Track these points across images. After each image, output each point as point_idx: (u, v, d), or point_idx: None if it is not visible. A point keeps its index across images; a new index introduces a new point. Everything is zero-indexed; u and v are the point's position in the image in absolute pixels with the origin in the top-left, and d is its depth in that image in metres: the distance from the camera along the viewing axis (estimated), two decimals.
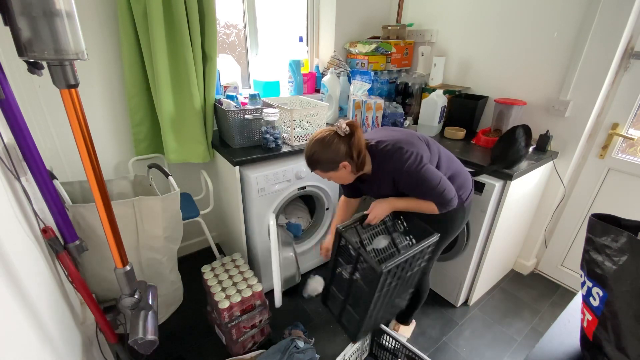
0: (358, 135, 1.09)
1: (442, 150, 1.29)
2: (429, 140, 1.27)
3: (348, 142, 1.09)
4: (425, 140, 1.25)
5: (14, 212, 0.78)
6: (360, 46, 2.19)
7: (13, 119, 0.80)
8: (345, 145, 1.09)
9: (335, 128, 1.10)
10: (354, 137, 1.08)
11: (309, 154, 1.14)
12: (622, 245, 0.54)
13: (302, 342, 1.45)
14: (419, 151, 1.13)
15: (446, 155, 1.29)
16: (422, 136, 1.26)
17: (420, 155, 1.12)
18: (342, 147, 1.09)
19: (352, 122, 1.12)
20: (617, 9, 1.47)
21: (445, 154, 1.29)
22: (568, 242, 1.98)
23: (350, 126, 1.10)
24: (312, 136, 1.15)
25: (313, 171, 1.20)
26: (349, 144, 1.09)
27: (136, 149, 1.72)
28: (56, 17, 0.60)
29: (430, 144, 1.24)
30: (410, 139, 1.18)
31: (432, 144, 1.26)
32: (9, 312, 0.63)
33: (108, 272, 1.27)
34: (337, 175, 1.16)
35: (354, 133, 1.09)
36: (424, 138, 1.25)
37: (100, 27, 1.48)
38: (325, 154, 1.10)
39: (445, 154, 1.29)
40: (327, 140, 1.09)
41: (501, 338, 1.67)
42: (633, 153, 1.69)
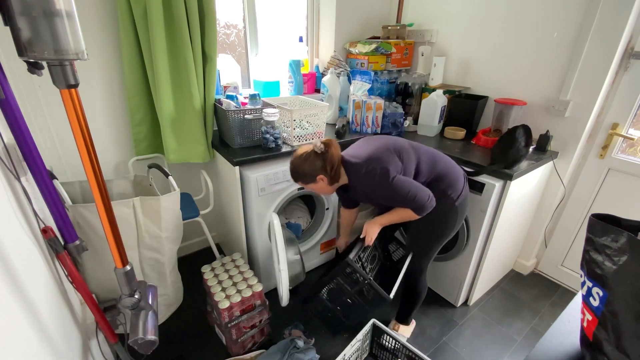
0: (331, 152, 1.24)
1: (423, 156, 1.32)
2: (402, 149, 1.29)
3: (323, 158, 1.24)
4: (398, 150, 1.28)
5: (14, 212, 0.78)
6: (360, 46, 2.19)
7: (13, 119, 0.80)
8: (321, 161, 1.24)
9: (313, 146, 1.26)
10: (328, 154, 1.24)
11: (291, 167, 1.32)
12: (622, 245, 0.54)
13: (302, 342, 1.46)
14: (387, 166, 1.22)
15: (428, 160, 1.32)
16: (395, 146, 1.29)
17: (387, 170, 1.21)
18: (318, 162, 1.24)
19: (326, 141, 1.27)
20: (617, 9, 1.47)
21: (427, 159, 1.32)
22: (568, 242, 1.98)
23: (325, 144, 1.26)
24: (295, 153, 1.31)
25: (296, 182, 1.36)
26: (324, 159, 1.24)
27: (136, 149, 1.72)
28: (56, 17, 0.60)
29: (402, 154, 1.27)
30: (379, 154, 1.25)
31: (407, 152, 1.29)
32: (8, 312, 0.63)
33: (108, 272, 1.27)
34: (317, 186, 1.32)
35: (327, 150, 1.24)
36: (396, 149, 1.28)
37: (100, 27, 1.48)
38: (304, 167, 1.26)
39: (427, 159, 1.32)
40: (304, 156, 1.26)
41: (501, 338, 1.67)
42: (633, 153, 1.69)
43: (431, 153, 1.35)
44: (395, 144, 1.31)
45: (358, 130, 2.01)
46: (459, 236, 1.67)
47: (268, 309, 1.53)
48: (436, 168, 1.32)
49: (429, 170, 1.31)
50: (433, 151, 1.37)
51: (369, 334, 1.48)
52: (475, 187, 1.55)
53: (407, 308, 1.63)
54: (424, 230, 1.42)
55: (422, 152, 1.33)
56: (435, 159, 1.34)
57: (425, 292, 1.57)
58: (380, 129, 1.99)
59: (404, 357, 1.38)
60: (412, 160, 1.29)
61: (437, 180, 1.31)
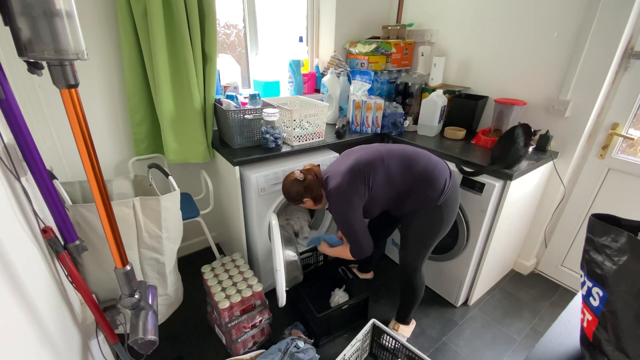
0: (309, 180, 1.39)
1: (396, 165, 1.34)
2: (370, 167, 1.32)
3: (303, 185, 1.39)
4: (365, 170, 1.31)
5: (14, 212, 0.78)
6: (360, 46, 2.19)
7: (13, 119, 0.80)
8: (302, 187, 1.39)
9: (296, 174, 1.41)
10: (306, 181, 1.38)
11: (283, 191, 1.47)
12: (622, 245, 0.54)
13: (302, 342, 1.45)
14: (350, 197, 1.31)
15: (402, 167, 1.34)
16: (364, 164, 1.32)
17: (347, 200, 1.32)
18: (300, 188, 1.39)
19: (305, 170, 1.41)
20: (617, 9, 1.47)
21: (400, 168, 1.34)
22: (568, 242, 1.98)
23: (304, 173, 1.40)
24: (285, 177, 1.46)
25: (289, 203, 1.51)
26: (304, 186, 1.39)
27: (136, 149, 1.72)
28: (56, 17, 0.60)
29: (370, 173, 1.31)
30: (345, 182, 1.31)
31: (374, 169, 1.32)
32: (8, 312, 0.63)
33: (108, 272, 1.27)
34: (306, 205, 1.46)
35: (305, 179, 1.39)
36: (364, 168, 1.32)
37: (100, 27, 1.48)
38: (291, 191, 1.41)
39: (400, 168, 1.34)
40: (290, 182, 1.41)
41: (501, 338, 1.67)
42: (633, 153, 1.69)
43: (406, 158, 1.36)
44: (366, 160, 1.33)
45: (358, 130, 2.01)
46: (458, 236, 1.67)
47: (268, 308, 1.53)
48: (412, 173, 1.34)
49: (403, 178, 1.34)
50: (410, 154, 1.37)
51: (369, 334, 1.48)
52: (475, 187, 1.55)
53: (405, 307, 1.62)
54: (413, 231, 1.43)
55: (393, 163, 1.34)
56: (411, 163, 1.34)
57: (422, 291, 1.57)
58: (380, 129, 1.99)
59: (404, 357, 1.39)
60: (380, 175, 1.32)
61: (415, 185, 1.34)
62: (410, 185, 1.34)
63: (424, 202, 1.35)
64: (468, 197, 1.59)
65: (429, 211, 1.36)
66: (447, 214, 1.37)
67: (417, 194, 1.34)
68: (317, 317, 1.49)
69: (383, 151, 1.37)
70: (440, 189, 1.33)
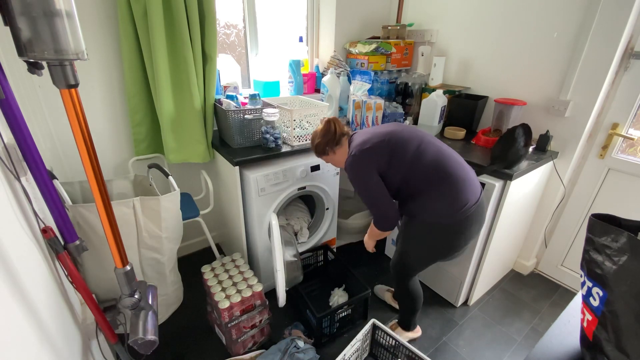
0: (328, 124, 1.36)
1: (426, 156, 1.21)
2: (402, 144, 1.22)
3: (323, 129, 1.37)
4: (396, 144, 1.22)
5: (14, 212, 0.78)
6: (360, 46, 2.19)
7: (13, 119, 0.80)
8: (322, 130, 1.37)
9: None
10: (325, 126, 1.36)
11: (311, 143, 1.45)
12: (622, 245, 0.54)
13: (302, 342, 1.46)
14: (365, 159, 1.24)
15: (430, 162, 1.21)
16: (397, 138, 1.23)
17: (363, 164, 1.24)
18: (318, 131, 1.39)
19: (332, 118, 1.38)
20: (617, 9, 1.47)
21: (426, 161, 1.21)
22: (568, 242, 1.98)
23: (330, 120, 1.38)
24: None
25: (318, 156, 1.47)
26: (324, 130, 1.36)
27: (136, 149, 1.72)
28: (56, 17, 0.60)
29: (398, 149, 1.22)
30: (376, 140, 1.24)
31: (403, 148, 1.22)
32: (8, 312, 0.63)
33: (108, 272, 1.27)
34: (328, 159, 1.42)
35: (328, 121, 1.37)
36: (395, 141, 1.23)
37: (100, 27, 1.48)
38: (314, 138, 1.41)
39: (426, 161, 1.21)
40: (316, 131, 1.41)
41: (501, 338, 1.67)
42: (633, 153, 1.69)
43: (441, 155, 1.22)
44: (401, 136, 1.24)
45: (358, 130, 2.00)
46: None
47: (268, 308, 1.53)
48: (438, 172, 1.20)
49: (423, 174, 1.21)
50: (447, 154, 1.24)
51: (369, 334, 1.48)
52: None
53: (403, 312, 1.58)
54: (409, 238, 1.35)
55: (427, 153, 1.22)
56: (442, 162, 1.21)
57: (419, 297, 1.49)
58: None
59: (404, 357, 1.39)
60: (407, 158, 1.21)
61: (432, 187, 1.21)
62: (428, 185, 1.21)
63: (430, 211, 1.23)
64: None
65: (432, 225, 1.25)
66: (451, 239, 1.25)
67: (429, 198, 1.22)
68: (317, 317, 1.49)
69: (422, 137, 1.26)
70: (455, 207, 1.20)
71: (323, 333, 1.58)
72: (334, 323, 1.59)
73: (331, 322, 1.57)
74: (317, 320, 1.50)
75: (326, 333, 1.59)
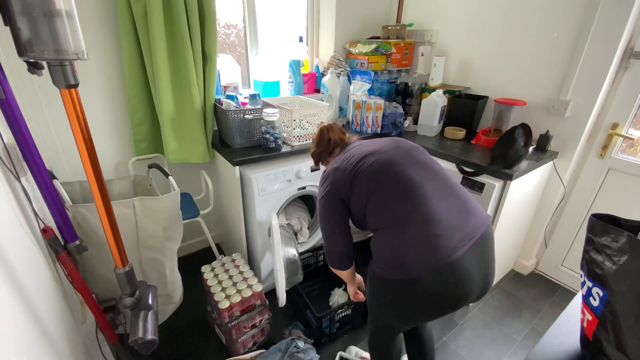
0: (321, 131, 1.26)
1: (385, 195, 0.96)
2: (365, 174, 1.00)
3: (317, 136, 1.28)
4: (354, 174, 1.01)
5: (14, 212, 0.78)
6: (360, 46, 2.19)
7: (13, 119, 0.80)
8: (316, 137, 1.28)
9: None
10: (319, 133, 1.27)
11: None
12: (622, 245, 0.54)
13: (302, 342, 1.45)
14: (327, 180, 1.07)
15: (387, 201, 0.95)
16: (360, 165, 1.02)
17: (334, 186, 1.05)
18: (315, 138, 1.29)
19: (331, 125, 1.27)
20: (617, 9, 1.47)
21: (387, 195, 0.95)
22: (568, 242, 1.98)
23: (328, 126, 1.27)
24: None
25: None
26: (317, 139, 1.27)
27: (136, 149, 1.72)
28: (56, 17, 0.60)
29: (359, 178, 1.00)
30: (342, 168, 1.05)
31: (368, 181, 0.99)
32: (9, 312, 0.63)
33: (108, 272, 1.27)
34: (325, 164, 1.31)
35: (321, 129, 1.27)
36: (355, 170, 1.02)
37: (100, 27, 1.48)
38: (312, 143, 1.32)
39: (387, 195, 0.95)
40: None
41: (501, 338, 1.67)
42: (633, 153, 1.69)
43: (416, 184, 0.94)
44: (381, 157, 1.02)
45: (358, 130, 2.00)
46: None
47: (268, 308, 1.53)
48: (400, 206, 0.92)
49: (385, 204, 0.95)
50: (425, 185, 0.94)
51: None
52: (475, 187, 1.55)
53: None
54: (369, 292, 1.07)
55: (400, 179, 0.95)
56: (413, 193, 0.92)
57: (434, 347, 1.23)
58: (380, 129, 1.99)
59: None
60: (369, 187, 0.98)
61: (386, 226, 0.94)
62: (383, 223, 0.95)
63: (377, 255, 0.96)
64: None
65: (372, 277, 0.98)
66: (396, 300, 0.94)
67: (380, 238, 0.95)
68: (317, 317, 1.49)
69: (408, 161, 1.00)
70: (406, 264, 0.87)
71: (323, 333, 1.58)
72: (334, 323, 1.59)
73: (331, 322, 1.57)
74: (317, 320, 1.50)
75: (326, 333, 1.59)
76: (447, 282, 0.86)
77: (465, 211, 0.93)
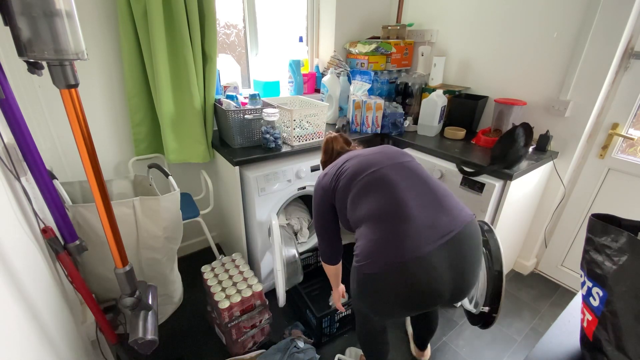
0: (326, 141, 1.36)
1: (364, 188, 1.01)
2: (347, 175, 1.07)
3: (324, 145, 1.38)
4: (338, 175, 1.10)
5: (14, 212, 0.78)
6: (360, 46, 2.19)
7: (13, 119, 0.80)
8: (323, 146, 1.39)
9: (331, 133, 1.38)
10: (325, 143, 1.37)
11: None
12: (622, 245, 0.54)
13: (302, 342, 1.46)
14: (323, 185, 1.17)
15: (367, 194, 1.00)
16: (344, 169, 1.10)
17: (320, 191, 1.18)
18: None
19: (337, 136, 1.36)
20: (617, 9, 1.47)
21: (362, 192, 1.01)
22: (568, 242, 1.98)
23: (336, 136, 1.36)
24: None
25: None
26: (323, 146, 1.38)
27: (136, 149, 1.72)
28: (56, 17, 0.60)
29: (341, 179, 1.08)
30: (329, 174, 1.16)
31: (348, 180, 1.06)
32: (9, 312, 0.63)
33: (108, 272, 1.27)
34: None
35: (326, 139, 1.36)
36: (345, 173, 1.08)
37: (100, 27, 1.48)
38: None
39: (362, 192, 1.01)
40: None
41: (501, 338, 1.67)
42: (633, 153, 1.69)
43: (392, 183, 0.98)
44: (363, 160, 1.08)
45: (358, 130, 2.00)
46: None
47: (268, 309, 1.53)
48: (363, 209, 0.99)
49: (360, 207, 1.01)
50: (400, 184, 0.98)
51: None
52: (475, 187, 1.55)
53: (428, 334, 1.40)
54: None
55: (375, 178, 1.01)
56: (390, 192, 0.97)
57: (376, 355, 1.25)
58: (380, 129, 1.99)
59: None
60: (349, 185, 1.05)
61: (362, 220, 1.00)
62: (360, 220, 1.00)
63: (354, 253, 1.00)
64: (468, 197, 1.59)
65: (352, 269, 1.02)
66: (368, 292, 0.97)
67: (358, 235, 1.00)
68: (317, 317, 1.49)
69: (387, 163, 1.06)
70: (371, 252, 0.92)
71: (323, 333, 1.58)
72: (334, 323, 1.59)
73: (331, 322, 1.58)
74: (317, 320, 1.50)
75: (326, 333, 1.60)
76: (415, 277, 0.88)
77: (440, 210, 0.95)
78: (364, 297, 1.00)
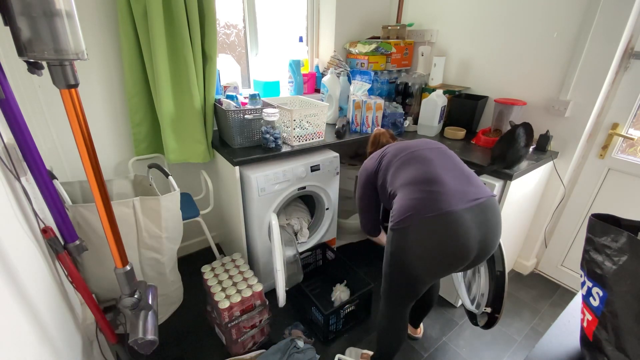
0: (374, 136, 1.55)
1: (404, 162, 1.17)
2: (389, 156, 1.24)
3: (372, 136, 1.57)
4: (381, 158, 1.28)
5: (14, 212, 0.78)
6: (360, 46, 2.19)
7: (13, 119, 0.80)
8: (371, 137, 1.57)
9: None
10: (373, 136, 1.56)
11: None
12: (622, 246, 0.54)
13: (302, 342, 1.46)
14: (367, 167, 1.33)
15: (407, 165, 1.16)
16: (406, 150, 1.22)
17: (364, 173, 1.33)
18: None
19: (383, 132, 1.53)
20: (617, 9, 1.47)
21: (402, 165, 1.17)
22: (568, 242, 1.98)
23: (383, 132, 1.54)
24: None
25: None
26: (371, 139, 1.57)
27: (136, 149, 1.72)
28: (56, 17, 0.60)
29: (385, 160, 1.25)
30: (374, 155, 1.34)
31: (391, 159, 1.22)
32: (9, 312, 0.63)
33: (108, 272, 1.27)
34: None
35: (375, 134, 1.55)
36: (387, 154, 1.26)
37: (100, 27, 1.48)
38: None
39: (402, 165, 1.17)
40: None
41: (501, 338, 1.67)
42: (633, 153, 1.69)
43: (427, 159, 1.14)
44: (404, 146, 1.25)
45: (358, 130, 2.00)
46: None
47: (268, 309, 1.53)
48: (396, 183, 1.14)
49: (391, 182, 1.18)
50: (434, 160, 1.14)
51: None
52: None
53: (377, 344, 1.37)
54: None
55: (415, 156, 1.18)
56: (426, 166, 1.13)
57: (393, 337, 1.27)
58: None
59: None
60: (392, 163, 1.21)
61: (393, 195, 1.15)
62: (399, 187, 1.13)
63: (390, 219, 1.10)
64: None
65: (388, 236, 1.12)
66: (403, 247, 1.05)
67: (395, 201, 1.11)
68: (325, 315, 1.48)
69: (424, 147, 1.22)
70: (403, 211, 1.04)
71: (330, 330, 1.57)
72: (340, 319, 1.58)
73: (337, 319, 1.57)
74: (325, 318, 1.50)
75: (333, 330, 1.59)
76: (447, 229, 0.99)
77: (469, 183, 1.09)
78: (397, 256, 1.09)
